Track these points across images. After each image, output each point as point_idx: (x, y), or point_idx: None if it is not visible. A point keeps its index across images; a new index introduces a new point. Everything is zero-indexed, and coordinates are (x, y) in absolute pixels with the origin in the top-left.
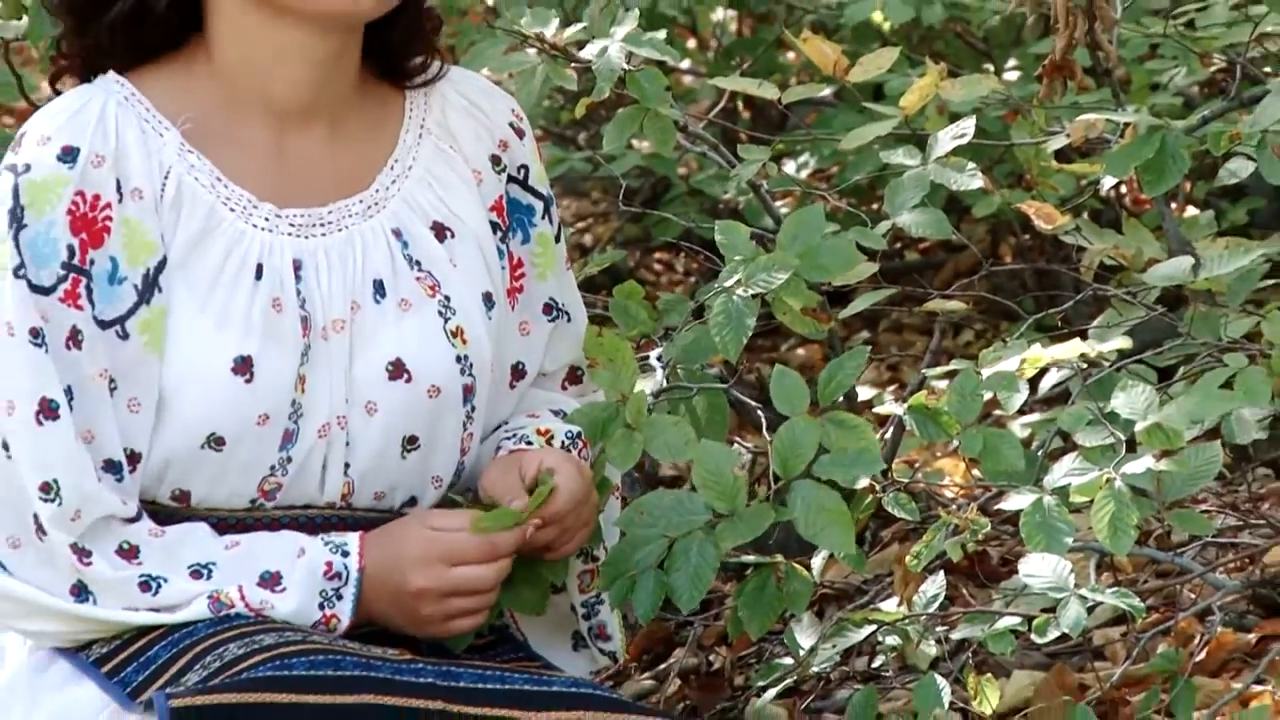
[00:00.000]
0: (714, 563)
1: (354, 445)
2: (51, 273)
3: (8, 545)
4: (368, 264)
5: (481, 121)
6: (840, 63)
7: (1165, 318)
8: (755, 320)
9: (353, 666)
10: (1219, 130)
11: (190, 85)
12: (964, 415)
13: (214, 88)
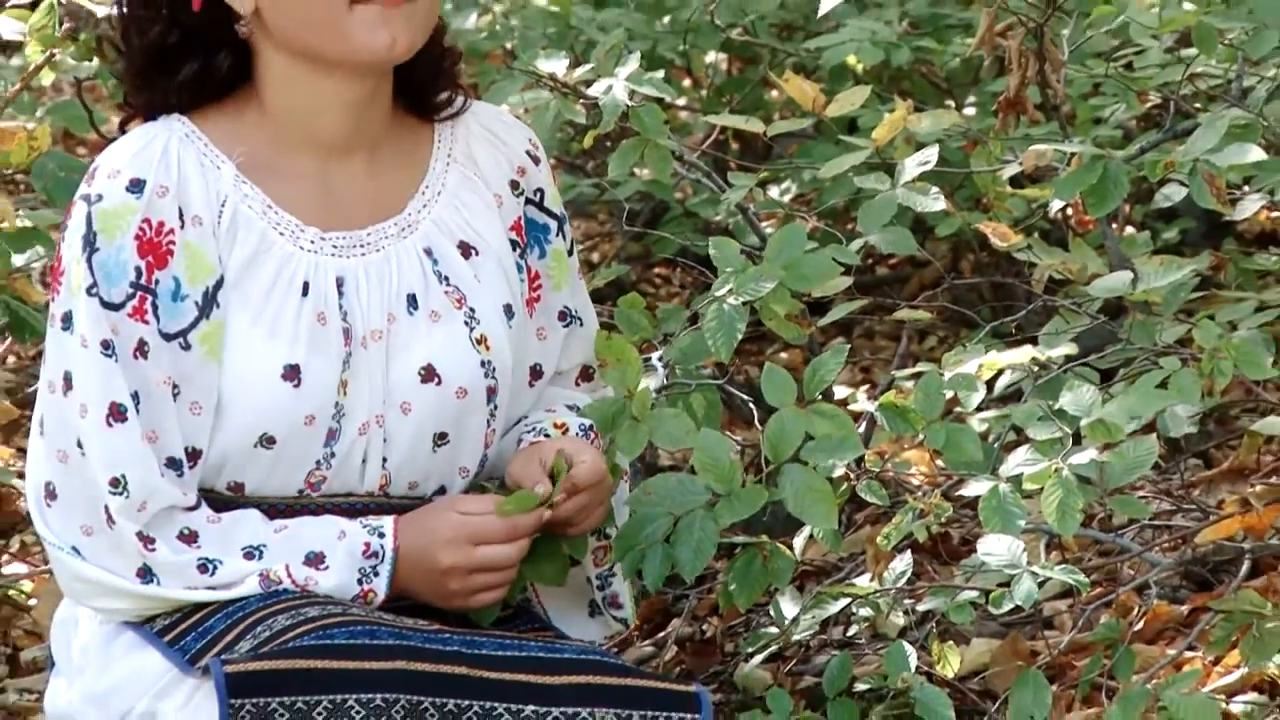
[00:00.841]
0: (714, 537)
1: (390, 441)
2: (121, 291)
3: (81, 533)
4: (402, 280)
5: (502, 150)
6: (819, 100)
7: (1107, 325)
8: (744, 326)
9: (387, 636)
10: (1155, 159)
11: (242, 124)
12: (928, 412)
13: (263, 126)
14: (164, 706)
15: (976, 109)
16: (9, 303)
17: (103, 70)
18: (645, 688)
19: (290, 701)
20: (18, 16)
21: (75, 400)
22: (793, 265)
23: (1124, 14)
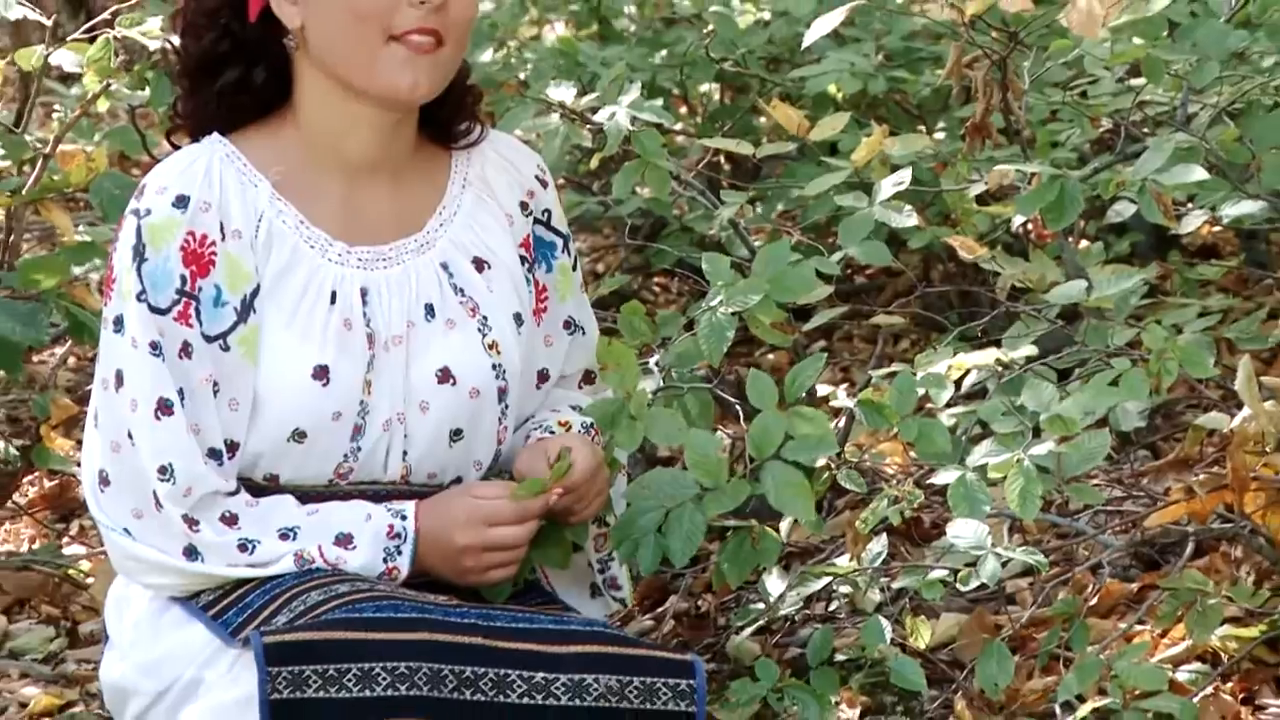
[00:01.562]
0: (702, 527)
1: (411, 437)
2: (167, 297)
3: (132, 516)
4: (421, 291)
5: (513, 175)
6: (803, 125)
7: (1064, 329)
8: (734, 333)
9: (410, 609)
10: (1107, 179)
11: (278, 145)
12: (902, 408)
13: (298, 147)
14: (209, 675)
15: (945, 133)
16: (69, 309)
17: (153, 97)
18: (645, 656)
19: (323, 669)
20: (77, 50)
21: (126, 396)
22: (778, 278)
23: (1079, 48)
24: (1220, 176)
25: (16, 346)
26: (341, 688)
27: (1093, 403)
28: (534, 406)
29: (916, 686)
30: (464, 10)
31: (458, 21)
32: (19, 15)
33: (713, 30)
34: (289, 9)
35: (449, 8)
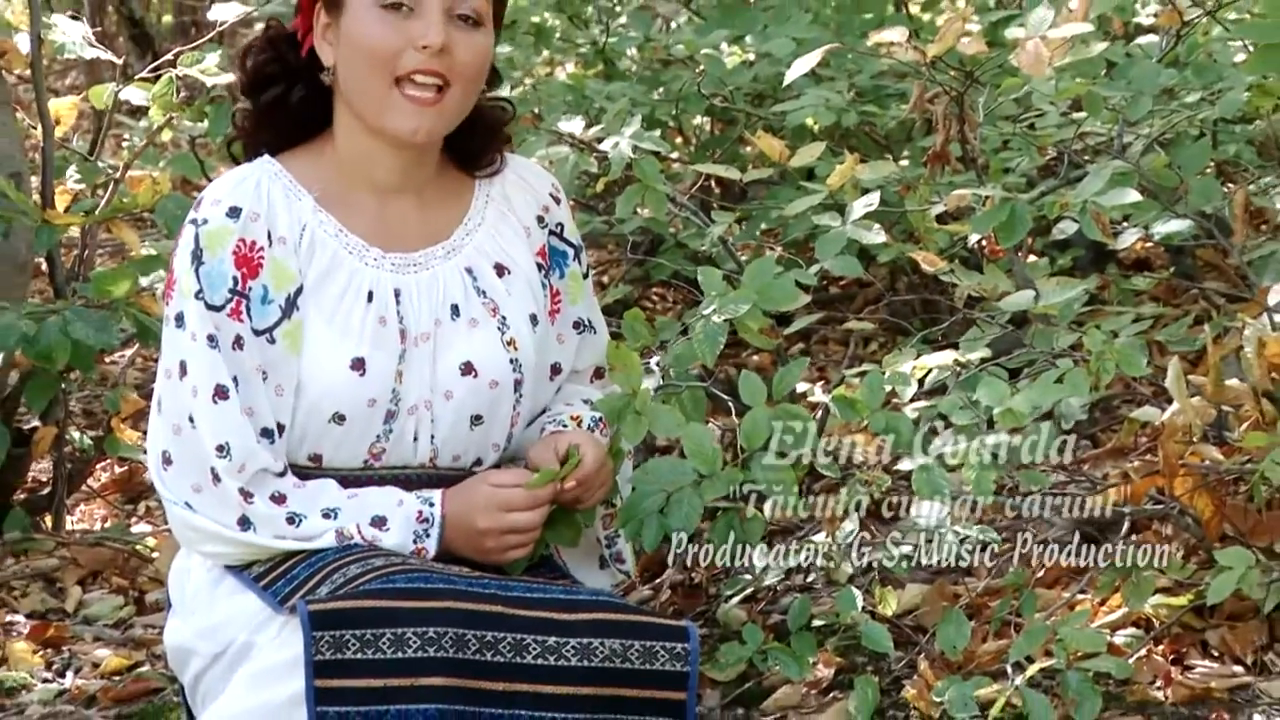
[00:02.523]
0: (699, 510)
1: (437, 422)
2: (221, 296)
3: (192, 490)
4: (447, 293)
5: (530, 193)
6: (784, 153)
7: (1014, 333)
8: (725, 338)
9: (438, 581)
10: (1052, 200)
11: (319, 165)
12: (872, 403)
13: (335, 167)
14: (260, 638)
15: (909, 161)
16: (136, 315)
17: (211, 129)
18: (645, 623)
19: (360, 634)
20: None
21: (188, 384)
22: (764, 290)
23: (1028, 85)
24: (1152, 198)
25: (90, 349)
26: (377, 650)
27: (1040, 398)
28: (547, 397)
29: (884, 648)
30: (470, 56)
31: (464, 66)
32: (93, 56)
33: (704, 70)
34: (326, 47)
35: (455, 53)
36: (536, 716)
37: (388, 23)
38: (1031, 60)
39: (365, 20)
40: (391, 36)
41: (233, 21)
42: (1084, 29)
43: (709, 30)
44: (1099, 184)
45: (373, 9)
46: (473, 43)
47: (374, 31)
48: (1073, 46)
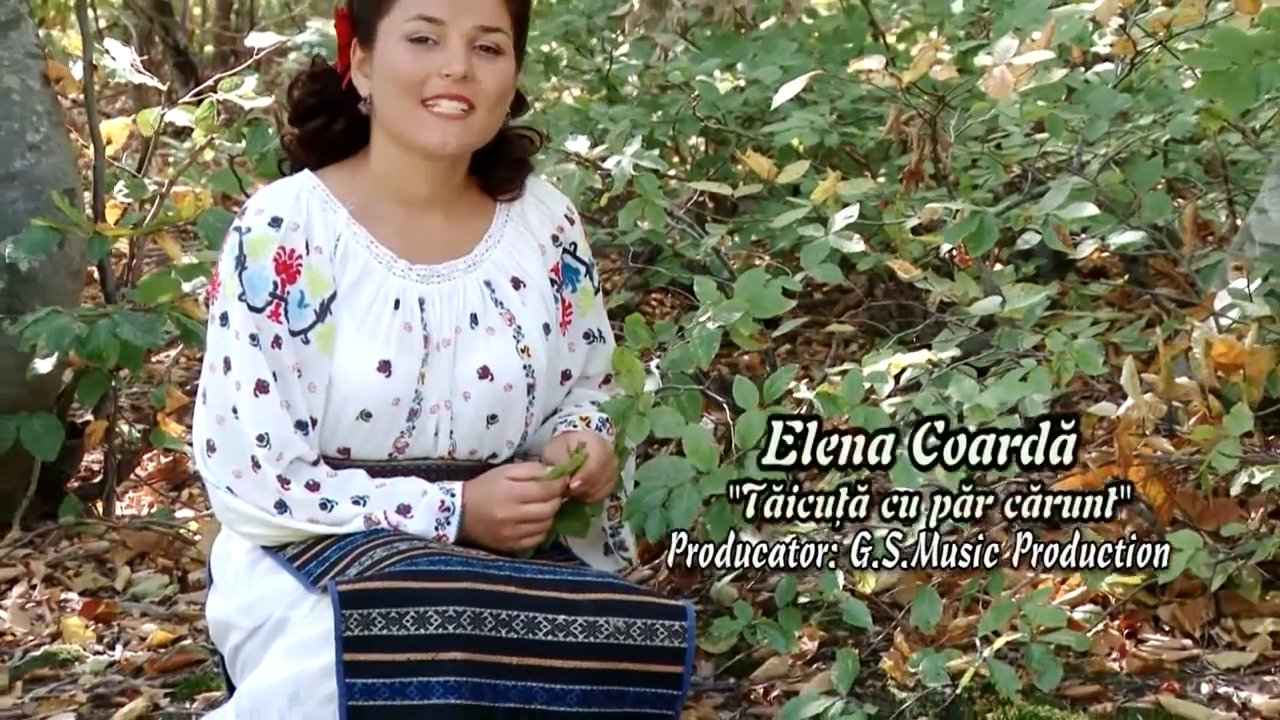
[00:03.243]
0: (698, 503)
1: (456, 420)
2: (262, 298)
3: (233, 476)
4: (467, 303)
5: (546, 213)
6: (771, 171)
7: (982, 335)
8: (719, 342)
9: (457, 563)
10: (1017, 214)
11: (355, 181)
12: (852, 399)
13: (369, 184)
14: (294, 614)
15: (886, 178)
16: (180, 319)
17: (249, 148)
18: (646, 602)
19: (386, 611)
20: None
21: (231, 378)
22: (754, 299)
23: (995, 108)
24: (1108, 212)
25: (138, 349)
26: (401, 626)
27: (1006, 395)
28: (558, 399)
29: (864, 623)
30: (492, 81)
31: (487, 90)
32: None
33: (699, 95)
34: (362, 80)
35: (478, 79)
36: (546, 688)
37: (415, 54)
38: (998, 86)
39: (395, 53)
40: (419, 66)
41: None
42: (1046, 57)
43: (703, 59)
44: (1060, 199)
45: (402, 42)
46: (494, 69)
47: (403, 62)
48: (1035, 73)
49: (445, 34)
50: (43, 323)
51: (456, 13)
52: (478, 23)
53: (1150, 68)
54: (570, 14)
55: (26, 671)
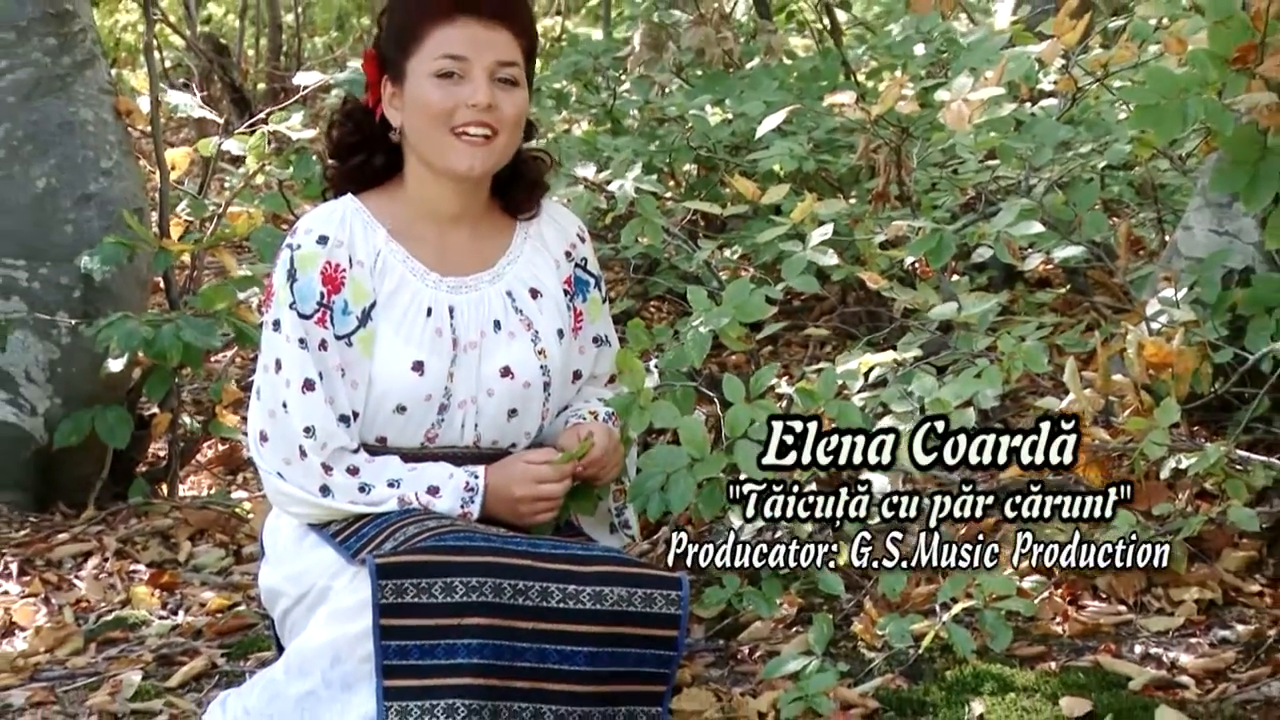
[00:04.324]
0: (692, 487)
1: (480, 413)
2: (310, 306)
3: (283, 462)
4: (491, 310)
5: (560, 232)
6: (756, 193)
7: (941, 338)
8: (710, 344)
9: (480, 539)
10: (972, 231)
11: (392, 203)
12: (827, 393)
13: (404, 204)
14: (336, 584)
15: (857, 199)
16: (235, 323)
17: (295, 172)
18: (645, 574)
19: (417, 581)
20: (241, 140)
21: (282, 377)
22: (741, 306)
23: (952, 138)
24: (1052, 229)
25: (198, 350)
26: (430, 595)
27: (962, 390)
28: (570, 396)
29: (837, 592)
30: (512, 109)
31: (507, 118)
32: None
33: (692, 127)
34: (394, 112)
35: (500, 108)
36: (558, 649)
37: (444, 88)
38: (955, 118)
39: (425, 88)
40: (448, 99)
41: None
42: (997, 93)
43: (696, 95)
44: (1009, 218)
45: (431, 78)
46: (513, 98)
47: (434, 96)
48: (988, 107)
49: (469, 69)
50: (115, 326)
51: (478, 50)
52: (497, 58)
53: (1089, 102)
54: (579, 55)
55: (100, 634)
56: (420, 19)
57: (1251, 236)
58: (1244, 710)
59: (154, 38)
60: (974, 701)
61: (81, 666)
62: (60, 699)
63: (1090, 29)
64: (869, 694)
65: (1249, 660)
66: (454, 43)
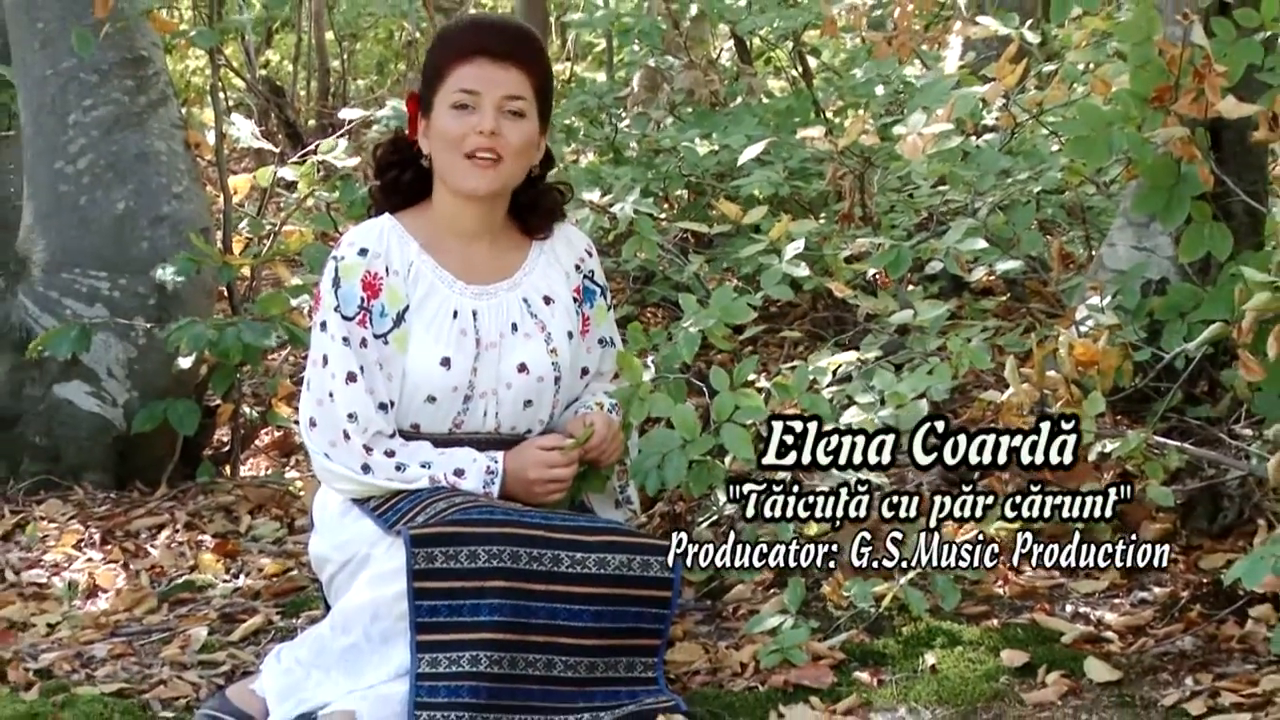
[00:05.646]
0: (685, 466)
1: (500, 404)
2: (352, 309)
3: (329, 444)
4: (509, 314)
5: (571, 248)
6: (738, 214)
7: (899, 339)
8: (699, 344)
9: (500, 513)
10: (925, 247)
11: (422, 220)
12: (799, 387)
13: (433, 222)
14: (375, 552)
15: (826, 219)
16: (288, 327)
17: (342, 197)
18: (642, 543)
19: (445, 550)
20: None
21: (328, 370)
22: (725, 310)
23: (908, 167)
24: (994, 245)
25: (257, 349)
26: (457, 561)
27: (917, 385)
28: (579, 390)
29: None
30: (515, 138)
31: (511, 144)
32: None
33: (683, 157)
34: (424, 141)
35: (505, 135)
36: (567, 608)
37: (459, 118)
38: (910, 149)
39: (444, 118)
40: (461, 126)
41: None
42: (946, 128)
43: (687, 129)
44: (957, 235)
45: (449, 110)
46: (517, 128)
47: (450, 124)
48: (939, 140)
49: (480, 102)
50: (184, 329)
51: (489, 85)
52: (505, 93)
53: (1026, 136)
54: (585, 95)
55: (171, 595)
56: (445, 59)
57: (1167, 252)
58: (1160, 661)
59: (219, 80)
60: (927, 654)
61: (155, 623)
62: (137, 651)
63: (1027, 72)
64: (836, 647)
65: (1165, 618)
66: (468, 78)
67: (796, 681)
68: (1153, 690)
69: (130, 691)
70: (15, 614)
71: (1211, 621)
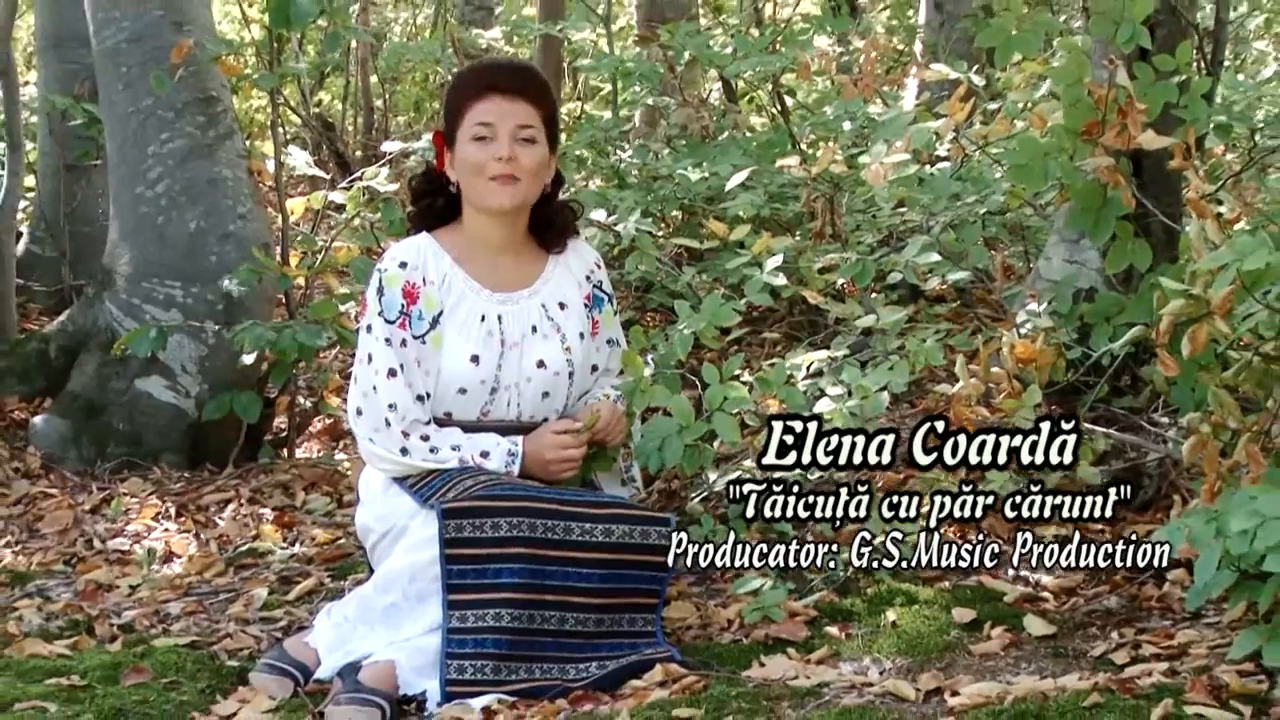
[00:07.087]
0: (681, 449)
1: (521, 395)
2: (394, 314)
3: (373, 430)
4: (529, 318)
5: (582, 261)
6: (726, 231)
7: (864, 340)
8: (691, 344)
9: (520, 490)
10: (887, 260)
11: (454, 237)
12: (778, 381)
13: (463, 239)
14: (412, 524)
15: (801, 237)
16: (337, 329)
17: (384, 217)
18: (643, 515)
19: (473, 521)
20: (342, 192)
21: (373, 367)
22: (714, 314)
23: (872, 191)
24: (946, 259)
25: (310, 348)
26: (483, 531)
27: (879, 379)
28: (589, 384)
29: (787, 530)
30: (530, 160)
31: (526, 166)
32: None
33: (678, 183)
34: (451, 171)
35: (520, 160)
36: (578, 571)
37: (479, 148)
38: (873, 176)
39: (466, 149)
40: (480, 154)
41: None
42: (905, 157)
43: (681, 159)
44: (914, 250)
45: (470, 142)
46: (530, 152)
47: (472, 154)
48: (898, 168)
49: (496, 132)
50: (247, 331)
51: (502, 118)
52: (517, 123)
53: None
54: (593, 130)
55: (236, 561)
56: (462, 99)
57: (1095, 264)
58: (1089, 618)
59: (278, 117)
60: (888, 611)
61: (222, 585)
62: (206, 609)
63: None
64: (810, 605)
65: (1093, 580)
66: (484, 113)
67: (775, 635)
68: (1083, 643)
69: (201, 644)
70: (102, 577)
71: (1134, 584)
